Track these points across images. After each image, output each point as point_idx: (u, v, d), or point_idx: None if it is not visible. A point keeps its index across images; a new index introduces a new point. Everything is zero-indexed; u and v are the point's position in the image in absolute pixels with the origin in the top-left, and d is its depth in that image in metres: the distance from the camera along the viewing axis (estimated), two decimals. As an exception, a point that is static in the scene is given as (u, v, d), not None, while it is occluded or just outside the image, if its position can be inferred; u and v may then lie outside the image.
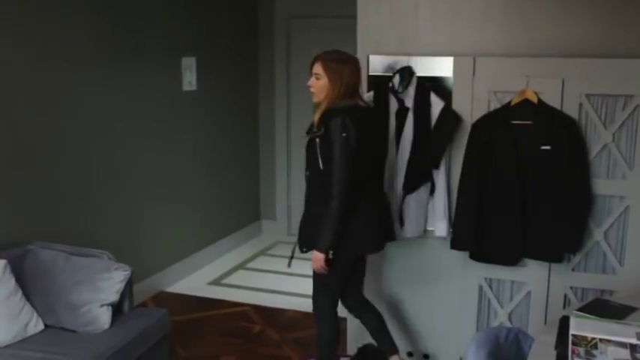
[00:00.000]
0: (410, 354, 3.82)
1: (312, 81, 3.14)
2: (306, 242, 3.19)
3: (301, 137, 3.24)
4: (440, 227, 3.52)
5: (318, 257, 3.11)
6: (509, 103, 3.33)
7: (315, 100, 3.15)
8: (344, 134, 2.98)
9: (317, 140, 3.06)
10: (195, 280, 5.44)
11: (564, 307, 3.42)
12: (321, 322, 3.34)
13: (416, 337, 3.79)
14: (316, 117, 3.09)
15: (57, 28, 3.97)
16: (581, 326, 2.44)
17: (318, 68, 3.12)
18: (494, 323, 3.60)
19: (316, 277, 3.26)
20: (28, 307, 3.26)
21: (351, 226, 3.09)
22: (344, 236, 3.08)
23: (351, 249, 3.17)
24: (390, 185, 3.50)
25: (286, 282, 5.33)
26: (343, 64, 3.10)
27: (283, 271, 5.57)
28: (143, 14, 4.76)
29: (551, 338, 2.39)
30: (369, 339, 3.59)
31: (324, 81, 3.09)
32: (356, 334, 3.87)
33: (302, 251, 3.25)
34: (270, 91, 6.56)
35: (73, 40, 4.10)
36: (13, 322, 3.15)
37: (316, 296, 3.33)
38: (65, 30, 4.03)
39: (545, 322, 3.43)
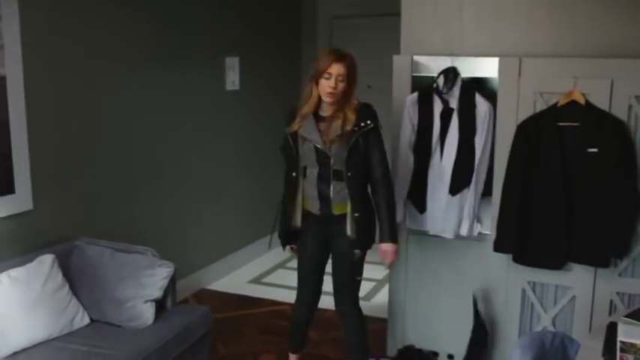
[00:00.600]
0: (450, 356, 3.79)
1: (339, 84, 3.09)
2: (370, 240, 3.25)
3: (334, 140, 3.14)
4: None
5: (395, 249, 3.24)
6: (556, 104, 3.28)
7: (334, 101, 3.12)
8: (381, 125, 3.18)
9: (360, 140, 3.10)
10: (235, 278, 5.48)
11: (610, 313, 3.36)
12: (358, 315, 3.41)
13: (457, 340, 3.75)
14: (352, 116, 3.11)
15: (105, 27, 4.04)
16: (630, 333, 2.39)
17: (344, 71, 3.09)
18: (538, 328, 3.55)
19: (358, 272, 3.31)
20: (74, 301, 3.33)
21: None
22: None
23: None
24: (433, 187, 3.49)
25: (326, 281, 5.31)
26: (355, 65, 3.21)
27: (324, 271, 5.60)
28: (189, 15, 4.83)
29: (598, 344, 2.35)
30: (409, 340, 3.57)
31: (345, 83, 3.10)
32: (396, 335, 3.85)
33: (364, 253, 3.29)
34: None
35: (120, 39, 4.17)
36: (60, 315, 3.22)
37: (356, 292, 3.38)
38: (113, 29, 4.11)
39: (590, 328, 3.37)
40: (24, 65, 3.44)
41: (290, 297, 4.97)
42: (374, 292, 5.21)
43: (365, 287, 5.25)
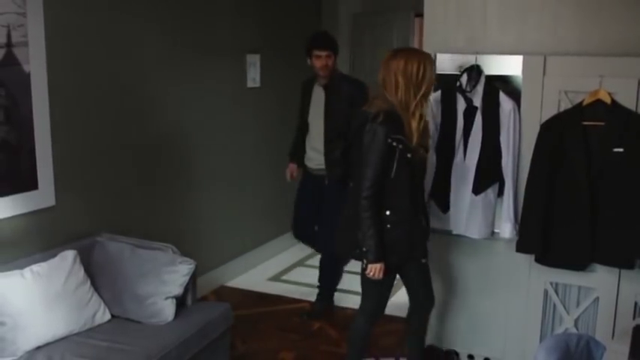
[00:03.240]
0: (470, 357, 3.76)
1: None
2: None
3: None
4: (505, 229, 3.46)
5: None
6: (581, 103, 3.24)
7: None
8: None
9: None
10: (255, 275, 5.49)
11: (634, 315, 3.31)
12: None
13: (478, 340, 3.73)
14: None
15: (128, 25, 4.05)
16: (657, 336, 2.36)
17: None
18: (560, 329, 3.51)
19: None
20: (96, 297, 3.35)
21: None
22: None
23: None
24: (457, 186, 3.46)
25: (345, 280, 5.31)
26: None
27: (344, 269, 5.58)
28: (210, 12, 4.83)
29: (624, 348, 2.32)
30: (430, 340, 3.55)
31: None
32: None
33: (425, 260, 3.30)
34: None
35: (142, 36, 4.19)
36: (82, 310, 3.24)
37: None
38: (136, 27, 4.12)
39: (614, 330, 3.33)
40: (48, 62, 3.46)
41: (309, 295, 4.99)
42: (393, 291, 5.18)
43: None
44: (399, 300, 4.88)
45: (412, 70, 2.99)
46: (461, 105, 3.43)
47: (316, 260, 5.89)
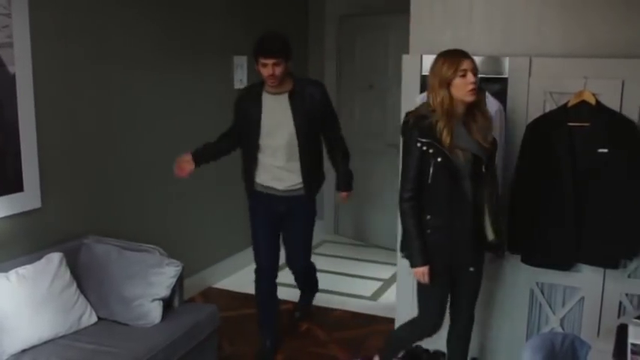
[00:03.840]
0: (458, 357, 3.77)
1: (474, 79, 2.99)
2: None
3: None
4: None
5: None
6: (566, 104, 3.26)
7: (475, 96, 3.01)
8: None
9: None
10: (242, 276, 5.46)
11: (619, 314, 3.34)
12: None
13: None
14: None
15: (114, 26, 4.04)
16: (641, 335, 2.38)
17: (474, 65, 3.00)
18: (546, 329, 3.53)
19: None
20: (82, 299, 3.33)
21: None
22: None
23: None
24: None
25: (333, 281, 5.33)
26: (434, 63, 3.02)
27: (330, 270, 5.60)
28: (197, 13, 4.83)
29: (609, 346, 2.34)
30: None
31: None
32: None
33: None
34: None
35: (129, 38, 4.17)
36: (68, 313, 3.22)
37: None
38: (122, 29, 4.11)
39: (599, 330, 3.35)
40: (33, 63, 3.44)
41: (296, 296, 4.98)
42: (381, 292, 5.21)
43: (372, 287, 5.28)
44: (386, 301, 4.93)
45: (437, 70, 2.95)
46: (447, 106, 3.44)
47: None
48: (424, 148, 2.93)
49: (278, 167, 3.82)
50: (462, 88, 2.90)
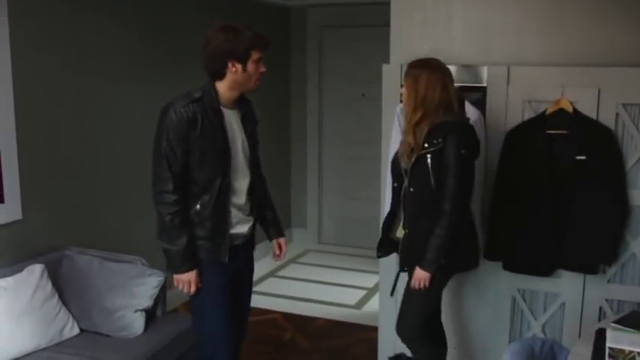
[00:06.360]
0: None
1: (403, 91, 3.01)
2: (410, 261, 3.02)
3: (408, 157, 2.99)
4: None
5: (422, 276, 2.94)
6: (544, 112, 3.30)
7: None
8: (462, 151, 2.87)
9: (428, 157, 2.88)
10: (226, 287, 5.46)
11: (599, 319, 3.37)
12: (416, 348, 3.22)
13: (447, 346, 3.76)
14: (410, 134, 2.93)
15: (94, 37, 4.04)
16: (618, 339, 2.41)
17: (404, 78, 3.01)
18: (528, 335, 3.55)
19: (412, 299, 3.11)
20: (64, 311, 3.32)
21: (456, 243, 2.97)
22: (448, 254, 2.95)
23: (454, 266, 3.09)
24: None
25: (317, 290, 5.34)
26: (421, 69, 2.95)
27: (314, 279, 5.62)
28: (178, 24, 4.83)
29: (587, 350, 2.37)
30: (400, 348, 3.57)
31: (405, 90, 2.97)
32: (387, 344, 3.85)
33: (403, 270, 3.10)
34: (302, 100, 6.60)
35: (109, 49, 4.17)
36: (49, 325, 3.20)
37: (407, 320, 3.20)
38: (102, 39, 4.11)
39: (580, 335, 3.38)
40: (13, 75, 3.43)
41: (279, 305, 4.99)
42: (365, 300, 5.22)
43: (356, 295, 5.30)
44: (370, 309, 4.94)
45: None
46: (427, 115, 3.47)
47: (288, 271, 5.93)
48: None
49: (236, 207, 2.91)
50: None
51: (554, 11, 3.41)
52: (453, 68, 3.47)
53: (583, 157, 3.20)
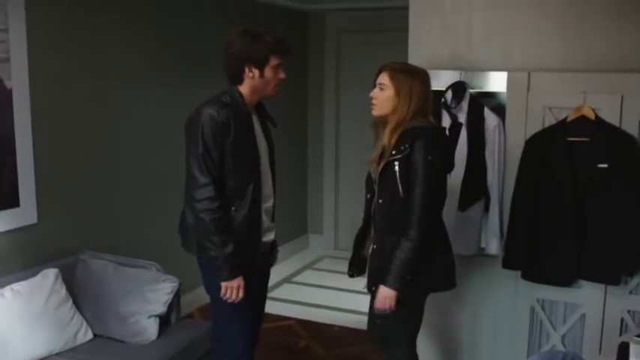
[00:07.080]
0: (457, 374, 3.74)
1: (375, 92, 2.85)
2: (378, 280, 2.80)
3: (368, 162, 2.92)
4: (492, 245, 3.45)
5: (387, 294, 2.76)
6: (565, 119, 3.24)
7: (376, 113, 2.88)
8: (429, 157, 2.67)
9: (396, 164, 2.72)
10: (241, 292, 5.44)
11: (621, 331, 3.30)
12: None
13: (466, 358, 3.70)
14: (392, 138, 2.76)
15: (112, 40, 4.05)
16: (642, 353, 2.35)
17: (384, 78, 2.81)
18: (547, 346, 3.49)
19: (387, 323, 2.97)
20: (78, 316, 3.31)
21: (428, 259, 2.78)
22: (419, 271, 2.76)
23: (426, 285, 2.88)
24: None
25: (332, 297, 5.30)
26: (413, 77, 2.78)
27: (330, 286, 5.58)
28: (196, 27, 4.83)
29: (610, 365, 2.30)
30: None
31: (388, 93, 2.79)
32: None
33: (369, 290, 2.90)
34: (319, 106, 6.59)
35: (127, 52, 4.18)
36: (63, 330, 3.19)
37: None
38: (120, 42, 4.11)
39: (601, 347, 3.31)
40: (30, 78, 3.44)
41: (294, 312, 4.96)
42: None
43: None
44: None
45: None
46: (446, 121, 3.43)
47: (304, 277, 5.89)
48: None
49: (265, 211, 2.95)
50: None
51: (575, 17, 3.35)
52: (472, 73, 3.44)
53: (605, 165, 3.13)
